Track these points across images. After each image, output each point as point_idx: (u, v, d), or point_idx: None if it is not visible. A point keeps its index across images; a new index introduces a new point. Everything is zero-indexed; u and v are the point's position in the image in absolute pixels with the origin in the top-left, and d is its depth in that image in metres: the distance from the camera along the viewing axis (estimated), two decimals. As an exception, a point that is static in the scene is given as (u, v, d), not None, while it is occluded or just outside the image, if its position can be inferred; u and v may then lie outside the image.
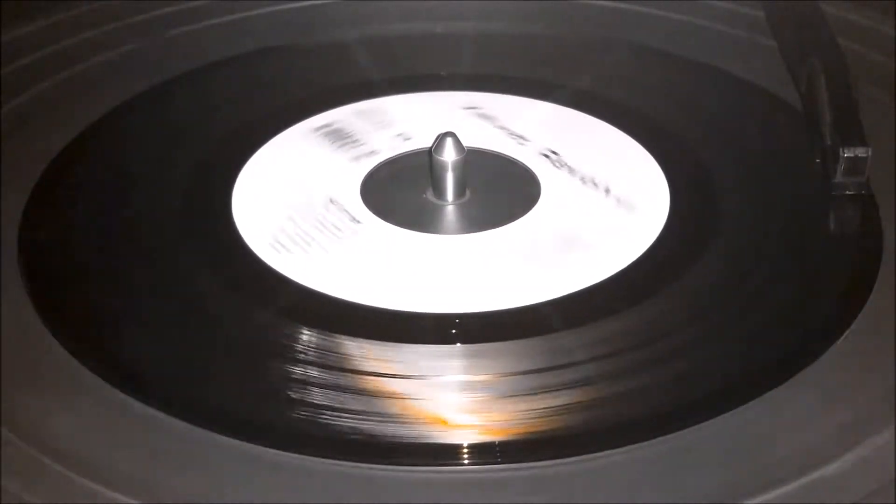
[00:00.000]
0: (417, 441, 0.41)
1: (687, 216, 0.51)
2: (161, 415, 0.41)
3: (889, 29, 0.65)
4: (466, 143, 0.53)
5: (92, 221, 0.52)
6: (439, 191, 0.53)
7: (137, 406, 0.42)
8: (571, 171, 0.54)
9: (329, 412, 0.42)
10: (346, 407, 0.42)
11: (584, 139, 0.57)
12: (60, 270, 0.49)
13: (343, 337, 0.45)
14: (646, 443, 0.40)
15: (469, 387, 0.43)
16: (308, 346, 0.44)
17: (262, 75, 0.63)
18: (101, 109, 0.59)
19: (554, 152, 0.56)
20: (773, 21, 0.65)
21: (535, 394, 0.42)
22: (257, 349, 0.45)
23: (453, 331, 0.45)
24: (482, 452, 0.40)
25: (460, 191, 0.53)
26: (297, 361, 0.44)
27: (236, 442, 0.40)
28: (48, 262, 0.49)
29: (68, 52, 0.63)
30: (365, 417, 0.41)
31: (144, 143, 0.57)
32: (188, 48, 0.65)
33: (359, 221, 0.51)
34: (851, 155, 0.51)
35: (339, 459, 0.40)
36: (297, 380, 0.43)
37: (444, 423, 0.42)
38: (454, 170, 0.52)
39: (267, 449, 0.40)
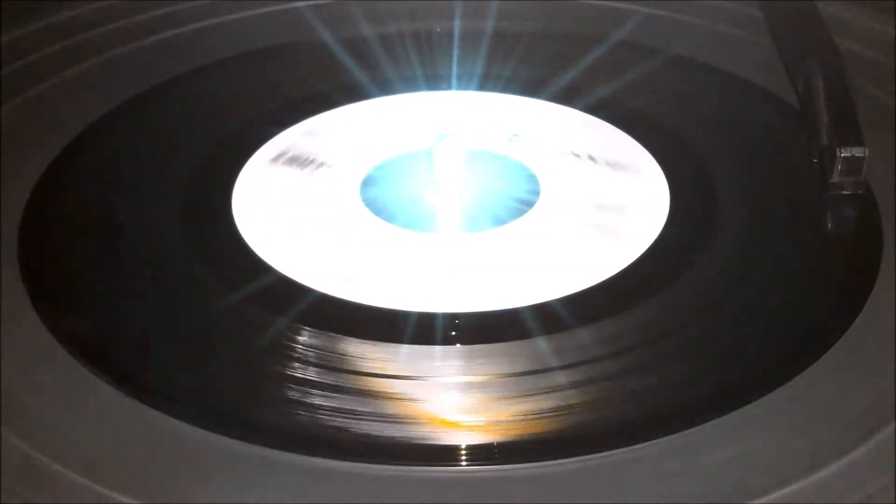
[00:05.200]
0: (416, 441, 0.41)
1: (685, 216, 0.51)
2: (161, 415, 0.41)
3: (889, 29, 0.65)
4: (466, 143, 0.53)
5: (92, 221, 0.52)
6: (439, 191, 0.53)
7: (137, 406, 0.42)
8: (570, 170, 0.55)
9: (327, 412, 0.42)
10: (344, 407, 0.42)
11: (583, 138, 0.57)
12: (60, 271, 0.49)
13: (341, 336, 0.45)
14: (646, 444, 0.40)
15: (468, 387, 0.43)
16: (306, 346, 0.44)
17: (261, 75, 0.63)
18: (101, 110, 0.59)
19: (552, 152, 0.56)
20: (771, 21, 0.65)
21: (534, 394, 0.42)
22: (257, 349, 0.45)
23: (453, 332, 0.45)
24: (481, 453, 0.40)
25: (460, 191, 0.53)
26: (296, 361, 0.44)
27: (235, 442, 0.40)
28: (48, 262, 0.49)
29: (68, 51, 0.63)
30: (363, 417, 0.41)
31: (144, 143, 0.57)
32: (186, 48, 0.64)
33: (358, 221, 0.51)
34: (848, 155, 0.51)
35: (337, 459, 0.40)
36: (295, 379, 0.43)
37: (443, 423, 0.42)
38: (454, 170, 0.53)
39: (266, 449, 0.40)
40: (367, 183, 0.54)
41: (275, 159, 0.56)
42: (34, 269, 0.48)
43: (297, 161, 0.55)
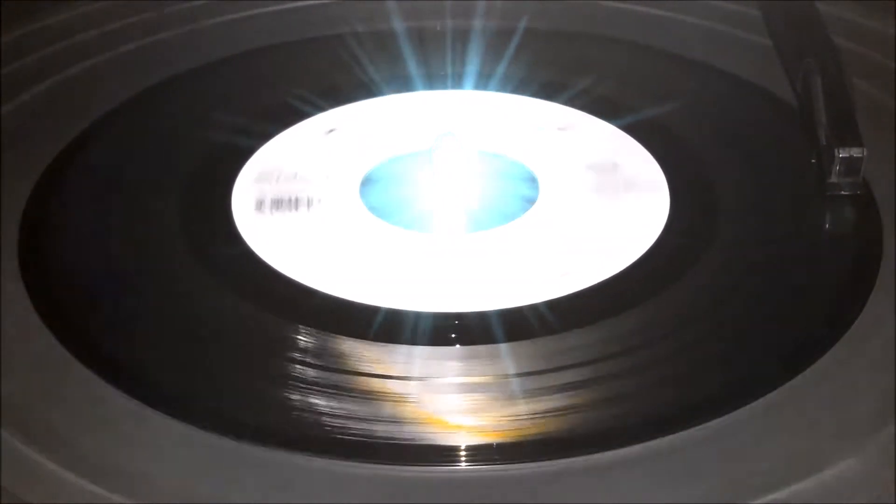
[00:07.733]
0: (415, 441, 0.41)
1: (685, 216, 0.51)
2: (160, 415, 0.41)
3: (889, 29, 0.65)
4: (467, 142, 0.53)
5: (92, 221, 0.52)
6: (439, 191, 0.53)
7: (137, 406, 0.42)
8: (569, 170, 0.55)
9: (327, 412, 0.42)
10: (344, 407, 0.42)
11: (583, 138, 0.57)
12: (60, 270, 0.49)
13: (342, 336, 0.45)
14: (645, 444, 0.40)
15: (467, 387, 0.43)
16: (307, 346, 0.44)
17: (261, 75, 0.63)
18: (101, 110, 0.59)
19: (552, 151, 0.56)
20: (770, 20, 0.65)
21: (534, 395, 0.42)
22: (256, 349, 0.45)
23: (453, 332, 0.45)
24: (480, 453, 0.40)
25: (461, 191, 0.53)
26: (296, 361, 0.44)
27: (236, 442, 0.40)
28: (48, 261, 0.49)
29: (68, 52, 0.64)
30: (363, 417, 0.41)
31: (144, 143, 0.57)
32: (186, 48, 0.65)
33: (358, 221, 0.52)
34: (847, 155, 0.51)
35: (337, 459, 0.40)
36: (295, 379, 0.43)
37: (443, 423, 0.42)
38: (454, 170, 0.53)
39: (266, 449, 0.40)
40: (366, 183, 0.54)
41: (274, 158, 0.56)
42: (34, 268, 0.48)
43: (296, 160, 0.55)
